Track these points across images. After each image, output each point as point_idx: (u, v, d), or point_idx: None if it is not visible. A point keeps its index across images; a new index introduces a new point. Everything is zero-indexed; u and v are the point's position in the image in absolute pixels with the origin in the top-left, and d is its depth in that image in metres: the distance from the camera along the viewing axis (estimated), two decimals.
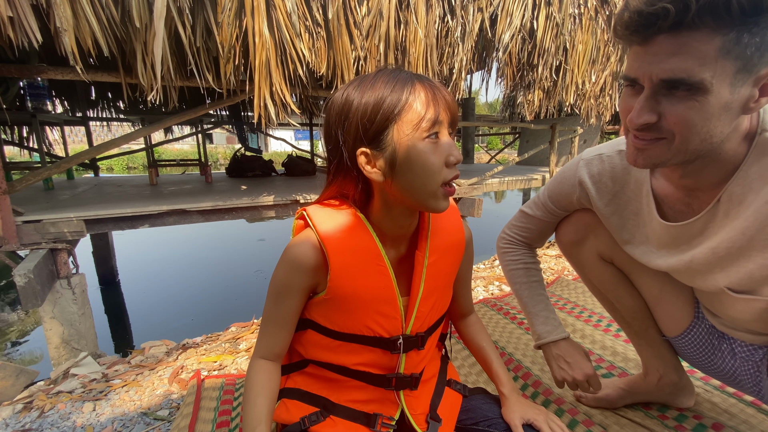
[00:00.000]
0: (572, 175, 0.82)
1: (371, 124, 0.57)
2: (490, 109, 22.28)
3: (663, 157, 0.56)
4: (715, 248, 0.63)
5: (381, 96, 0.56)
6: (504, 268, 0.99)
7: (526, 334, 1.48)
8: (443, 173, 0.58)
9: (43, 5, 1.47)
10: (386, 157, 0.58)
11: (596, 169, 0.79)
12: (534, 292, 0.95)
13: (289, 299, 0.65)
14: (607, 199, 0.79)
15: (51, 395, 1.44)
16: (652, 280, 0.85)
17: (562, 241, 0.93)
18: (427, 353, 0.73)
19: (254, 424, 0.63)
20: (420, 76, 0.59)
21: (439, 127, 0.57)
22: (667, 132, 0.53)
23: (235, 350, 1.69)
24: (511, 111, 8.08)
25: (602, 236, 0.85)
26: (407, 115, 0.56)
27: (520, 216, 0.96)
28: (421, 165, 0.57)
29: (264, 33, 1.79)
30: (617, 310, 0.93)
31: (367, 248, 0.63)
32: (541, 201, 0.91)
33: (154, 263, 5.10)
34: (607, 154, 0.77)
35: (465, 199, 3.31)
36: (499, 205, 10.29)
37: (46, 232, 1.92)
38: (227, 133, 14.98)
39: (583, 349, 0.90)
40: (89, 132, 4.38)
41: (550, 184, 0.89)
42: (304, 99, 4.16)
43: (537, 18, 2.70)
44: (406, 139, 0.56)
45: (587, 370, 0.86)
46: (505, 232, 1.00)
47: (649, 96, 0.53)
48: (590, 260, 0.90)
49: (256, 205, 2.58)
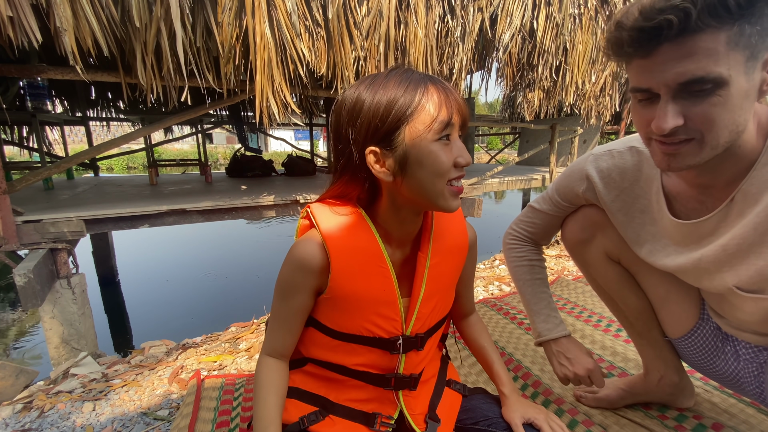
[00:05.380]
0: (580, 169, 0.82)
1: (383, 124, 0.57)
2: (490, 109, 22.27)
3: (696, 157, 0.56)
4: (726, 245, 0.63)
5: (394, 96, 0.56)
6: (508, 264, 0.98)
7: (526, 334, 1.48)
8: (451, 173, 0.59)
9: (43, 5, 1.47)
10: (396, 156, 0.58)
11: (605, 164, 0.78)
12: (537, 290, 0.94)
13: (294, 298, 0.65)
14: (615, 194, 0.79)
15: (51, 395, 1.44)
16: (659, 280, 0.84)
17: (568, 238, 0.92)
18: (427, 354, 0.73)
19: (265, 423, 0.63)
20: (432, 77, 0.59)
21: (450, 129, 0.58)
22: (695, 132, 0.53)
23: (235, 350, 1.69)
24: (511, 111, 8.06)
25: (611, 235, 0.85)
26: (420, 117, 0.56)
27: (528, 211, 0.96)
28: (431, 166, 0.57)
29: (265, 33, 1.79)
30: (621, 310, 0.92)
31: (370, 249, 0.63)
32: (549, 195, 0.91)
33: (154, 263, 5.10)
34: (618, 150, 0.77)
35: (465, 199, 3.31)
36: (499, 205, 10.28)
37: (46, 232, 1.92)
38: (227, 133, 14.97)
39: (583, 345, 0.90)
40: (89, 132, 4.37)
41: (558, 177, 0.89)
42: (304, 99, 4.17)
43: (537, 18, 2.70)
44: (418, 140, 0.56)
45: (588, 364, 0.86)
46: (512, 227, 0.99)
47: (669, 101, 0.53)
48: (597, 259, 0.89)
49: (256, 205, 2.58)
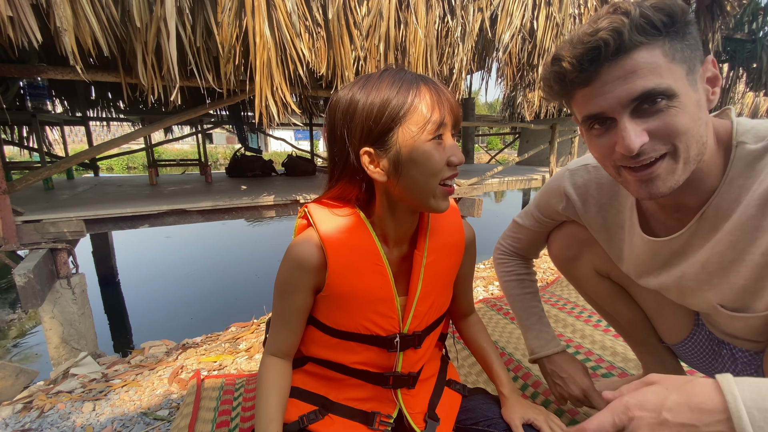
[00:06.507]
0: (557, 186, 0.81)
1: (376, 125, 0.57)
2: (490, 109, 22.28)
3: (673, 176, 0.53)
4: (705, 263, 0.62)
5: (386, 97, 0.56)
6: (499, 279, 0.98)
7: None
8: (444, 172, 0.59)
9: (43, 5, 1.47)
10: (390, 157, 0.58)
11: (581, 180, 0.77)
12: (527, 304, 0.94)
13: (293, 297, 0.66)
14: (594, 210, 0.77)
15: (51, 395, 1.44)
16: (649, 292, 0.83)
17: (556, 255, 0.91)
18: (425, 353, 0.73)
19: (266, 422, 0.64)
20: (424, 77, 0.59)
21: (443, 129, 0.58)
22: (665, 145, 0.52)
23: (235, 350, 1.69)
24: (511, 111, 8.08)
25: (598, 251, 0.84)
26: (413, 117, 0.56)
27: (513, 226, 0.96)
28: (424, 165, 0.57)
29: (265, 33, 1.79)
30: (616, 321, 0.92)
31: (367, 248, 0.64)
32: (531, 211, 0.90)
33: (154, 263, 5.10)
34: (594, 165, 0.75)
35: (465, 199, 3.31)
36: (499, 205, 10.29)
37: (46, 232, 1.92)
38: (227, 133, 14.97)
39: (578, 362, 0.87)
40: (89, 132, 4.38)
41: (539, 194, 0.88)
42: (304, 99, 4.17)
43: (537, 18, 2.70)
44: (411, 140, 0.57)
45: (583, 384, 0.83)
46: (499, 242, 0.99)
47: (627, 119, 0.51)
48: (586, 275, 0.89)
49: (256, 205, 2.58)
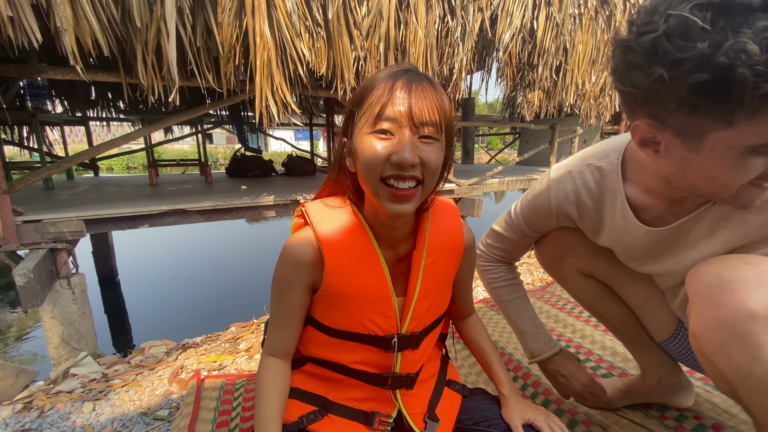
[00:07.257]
0: (545, 200, 0.79)
1: (350, 112, 0.59)
2: (490, 109, 22.27)
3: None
4: (716, 250, 0.63)
5: (363, 85, 0.58)
6: (486, 286, 0.98)
7: None
8: (383, 169, 0.55)
9: (43, 5, 1.47)
10: (352, 147, 0.59)
11: (569, 187, 0.76)
12: (520, 309, 0.94)
13: (289, 295, 0.65)
14: (591, 215, 0.77)
15: (51, 395, 1.44)
16: (634, 290, 0.85)
17: (542, 258, 0.93)
18: (424, 353, 0.73)
19: (266, 422, 0.63)
20: (417, 75, 0.57)
21: (391, 124, 0.54)
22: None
23: (235, 350, 1.69)
24: (511, 111, 8.08)
25: (579, 252, 0.85)
26: (365, 106, 0.57)
27: (495, 236, 0.93)
28: (361, 156, 0.57)
29: (265, 33, 1.79)
30: (606, 319, 0.93)
31: (363, 247, 0.64)
32: (516, 224, 0.87)
33: (154, 263, 5.10)
34: (577, 170, 0.75)
35: (465, 199, 3.31)
36: (499, 205, 10.28)
37: (46, 232, 1.92)
38: (227, 133, 14.97)
39: (576, 358, 0.91)
40: (89, 132, 4.38)
41: (524, 208, 0.85)
42: (304, 99, 4.17)
43: (537, 18, 2.70)
44: (357, 129, 0.57)
45: (584, 379, 0.87)
46: (481, 249, 0.97)
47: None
48: (571, 276, 0.90)
49: (256, 205, 2.58)
